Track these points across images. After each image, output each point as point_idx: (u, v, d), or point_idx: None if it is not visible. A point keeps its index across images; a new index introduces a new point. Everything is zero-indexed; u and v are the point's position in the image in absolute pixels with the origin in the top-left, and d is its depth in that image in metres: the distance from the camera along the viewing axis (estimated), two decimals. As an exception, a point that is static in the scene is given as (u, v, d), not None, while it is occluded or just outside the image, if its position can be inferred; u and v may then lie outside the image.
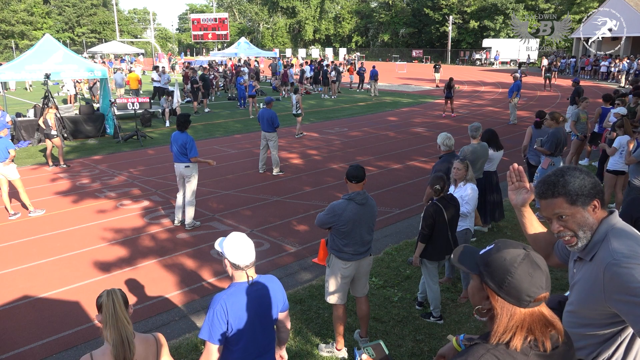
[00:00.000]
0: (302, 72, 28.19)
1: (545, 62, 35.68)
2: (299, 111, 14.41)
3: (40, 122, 11.50)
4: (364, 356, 1.69)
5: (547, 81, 27.69)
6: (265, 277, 2.83)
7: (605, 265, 1.81)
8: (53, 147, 11.43)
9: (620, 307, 1.77)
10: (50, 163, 11.37)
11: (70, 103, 20.83)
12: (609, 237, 1.85)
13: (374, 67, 26.46)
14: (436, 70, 31.17)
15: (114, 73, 26.26)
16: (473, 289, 1.59)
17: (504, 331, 1.46)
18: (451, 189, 5.28)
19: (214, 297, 2.67)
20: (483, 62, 53.31)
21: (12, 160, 8.05)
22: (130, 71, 29.63)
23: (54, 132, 11.15)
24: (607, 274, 1.80)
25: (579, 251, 1.96)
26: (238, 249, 2.63)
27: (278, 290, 2.84)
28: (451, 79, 18.14)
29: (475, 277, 1.57)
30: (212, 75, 24.94)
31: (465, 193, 5.18)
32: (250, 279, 2.68)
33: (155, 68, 22.71)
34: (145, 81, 28.89)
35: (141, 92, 22.72)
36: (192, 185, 7.45)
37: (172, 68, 40.31)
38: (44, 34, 16.45)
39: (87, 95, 23.98)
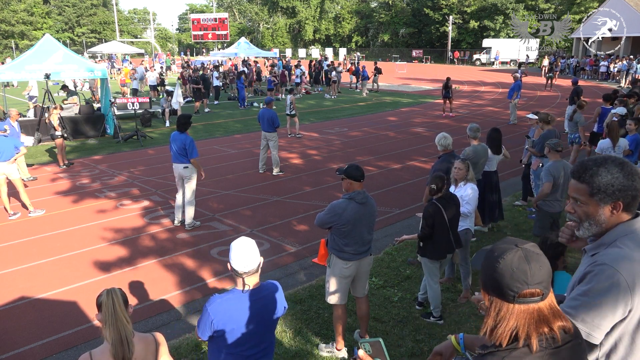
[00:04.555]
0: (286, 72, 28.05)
1: (545, 62, 35.69)
2: (293, 112, 14.44)
3: (47, 122, 11.52)
4: (360, 352, 1.67)
5: (549, 81, 27.70)
6: (267, 284, 2.83)
7: (592, 262, 1.82)
8: (53, 146, 11.44)
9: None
10: (65, 162, 11.34)
11: (72, 102, 20.88)
12: (616, 244, 1.81)
13: (363, 67, 26.71)
14: (376, 73, 27.30)
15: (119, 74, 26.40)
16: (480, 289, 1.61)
17: (492, 325, 1.46)
18: (451, 189, 5.27)
19: (210, 298, 2.75)
20: (456, 61, 55.41)
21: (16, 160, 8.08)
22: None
23: (58, 133, 11.15)
24: (587, 269, 1.82)
25: (588, 241, 1.95)
26: (238, 254, 2.63)
27: (277, 299, 2.83)
28: (448, 79, 18.16)
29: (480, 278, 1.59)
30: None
31: (466, 193, 5.18)
32: (247, 287, 2.69)
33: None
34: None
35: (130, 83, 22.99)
36: (191, 185, 7.45)
37: (168, 68, 40.28)
38: (44, 34, 16.46)
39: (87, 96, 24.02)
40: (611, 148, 7.12)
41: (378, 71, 27.46)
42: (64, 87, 19.12)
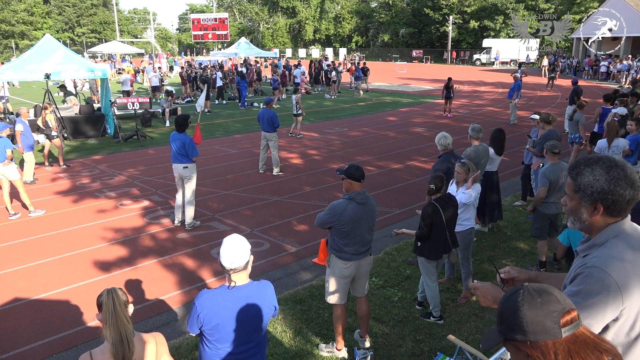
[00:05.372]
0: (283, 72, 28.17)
1: (545, 62, 35.66)
2: (299, 111, 14.46)
3: (40, 122, 11.46)
4: None
5: (551, 81, 27.69)
6: (257, 283, 2.83)
7: (583, 264, 1.84)
8: (51, 147, 11.45)
9: None
10: (47, 163, 11.39)
11: (70, 103, 20.90)
12: (606, 245, 1.82)
13: (357, 67, 27.11)
14: (364, 73, 26.69)
15: (119, 74, 26.42)
16: (513, 358, 1.42)
17: None
18: (453, 190, 5.25)
19: (199, 293, 2.78)
20: (453, 60, 56.54)
21: (12, 160, 8.06)
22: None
23: (54, 133, 11.15)
24: (577, 271, 1.84)
25: (580, 243, 1.98)
26: (226, 251, 2.66)
27: (266, 299, 2.82)
28: (449, 79, 18.14)
29: (506, 344, 1.41)
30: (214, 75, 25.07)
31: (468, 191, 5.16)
32: (233, 283, 2.71)
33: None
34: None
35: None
36: (191, 185, 7.45)
37: (170, 69, 40.28)
38: (44, 34, 16.46)
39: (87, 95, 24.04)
40: (607, 148, 7.14)
41: (364, 71, 27.69)
42: (62, 87, 19.11)
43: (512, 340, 1.35)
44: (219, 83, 22.88)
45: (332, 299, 4.27)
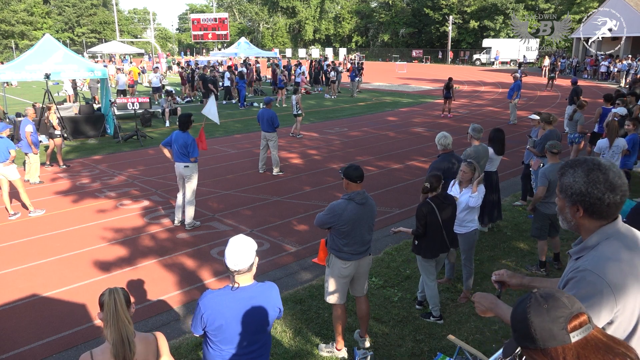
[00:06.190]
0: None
1: (546, 62, 35.69)
2: (299, 111, 14.45)
3: (46, 121, 11.49)
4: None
5: (551, 81, 27.69)
6: (261, 285, 2.84)
7: (575, 268, 1.84)
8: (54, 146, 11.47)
9: None
10: (48, 162, 11.39)
11: (70, 103, 20.90)
12: (598, 248, 1.83)
13: (353, 67, 27.37)
14: (358, 70, 26.74)
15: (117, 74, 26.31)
16: None
17: None
18: (456, 191, 5.23)
19: (203, 293, 2.80)
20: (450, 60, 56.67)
21: (13, 161, 8.06)
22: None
23: (57, 132, 11.16)
24: (569, 275, 1.84)
25: (572, 245, 1.99)
26: (230, 252, 2.67)
27: (270, 300, 2.83)
28: (450, 79, 18.14)
29: (523, 352, 1.41)
30: (213, 76, 25.10)
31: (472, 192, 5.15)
32: (237, 285, 2.72)
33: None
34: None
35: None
36: (192, 184, 7.45)
37: (169, 68, 40.29)
38: (44, 34, 16.46)
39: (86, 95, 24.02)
40: (607, 148, 7.14)
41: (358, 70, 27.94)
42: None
43: (526, 348, 1.35)
44: (227, 83, 22.95)
45: (332, 299, 4.27)
